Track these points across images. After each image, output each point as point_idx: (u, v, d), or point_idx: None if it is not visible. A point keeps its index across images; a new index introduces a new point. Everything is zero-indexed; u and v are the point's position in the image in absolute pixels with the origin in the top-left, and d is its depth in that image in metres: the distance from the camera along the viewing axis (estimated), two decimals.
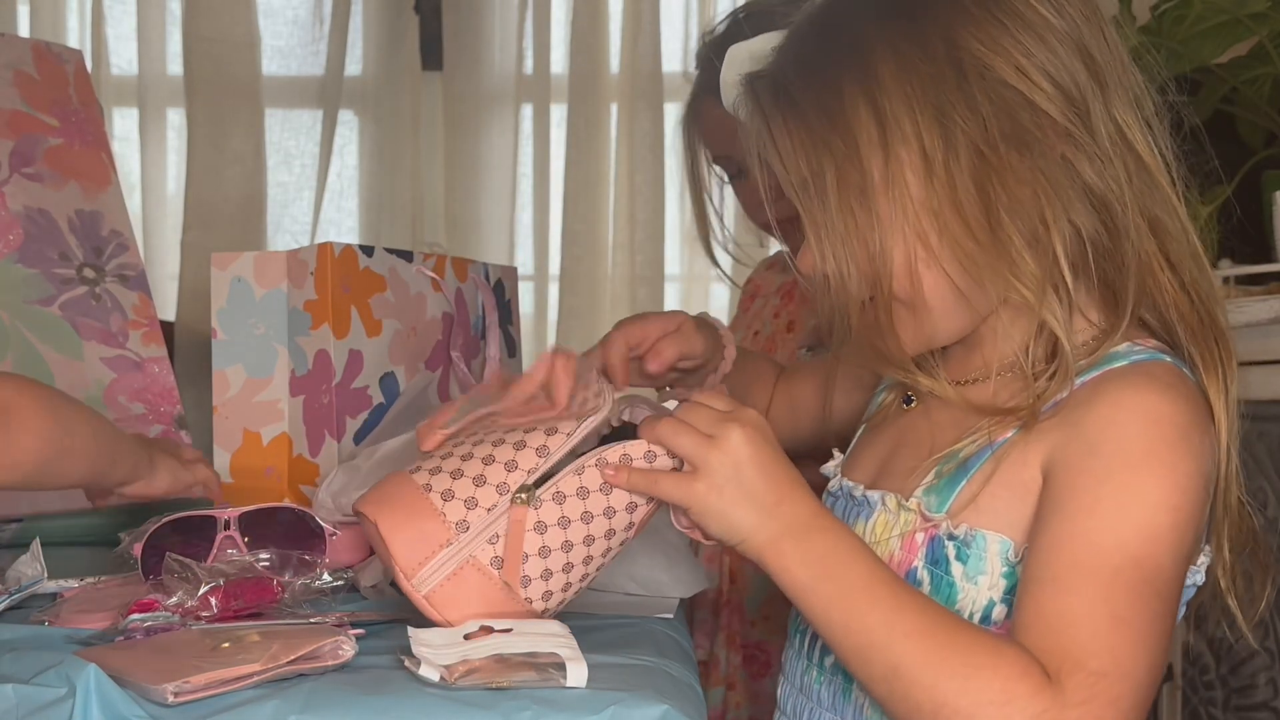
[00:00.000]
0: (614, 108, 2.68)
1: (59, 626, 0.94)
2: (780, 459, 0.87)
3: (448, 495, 0.88)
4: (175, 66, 2.70)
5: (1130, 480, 0.82)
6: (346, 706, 0.75)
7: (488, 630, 0.86)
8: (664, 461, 0.89)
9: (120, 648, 0.86)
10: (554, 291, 2.69)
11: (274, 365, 1.24)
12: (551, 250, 2.70)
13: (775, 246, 1.68)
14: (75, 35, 2.74)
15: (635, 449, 0.89)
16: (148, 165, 2.72)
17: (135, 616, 0.91)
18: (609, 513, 0.89)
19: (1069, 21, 0.87)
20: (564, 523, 0.88)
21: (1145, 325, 0.91)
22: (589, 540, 0.89)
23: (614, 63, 2.68)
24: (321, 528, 1.03)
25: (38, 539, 1.04)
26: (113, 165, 1.37)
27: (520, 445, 0.89)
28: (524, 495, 0.87)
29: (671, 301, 2.68)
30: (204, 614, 0.93)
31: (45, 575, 1.01)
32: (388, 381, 1.28)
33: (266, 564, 1.00)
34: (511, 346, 1.48)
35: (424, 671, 0.78)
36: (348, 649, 0.82)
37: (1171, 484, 0.82)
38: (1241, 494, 0.91)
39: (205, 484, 1.12)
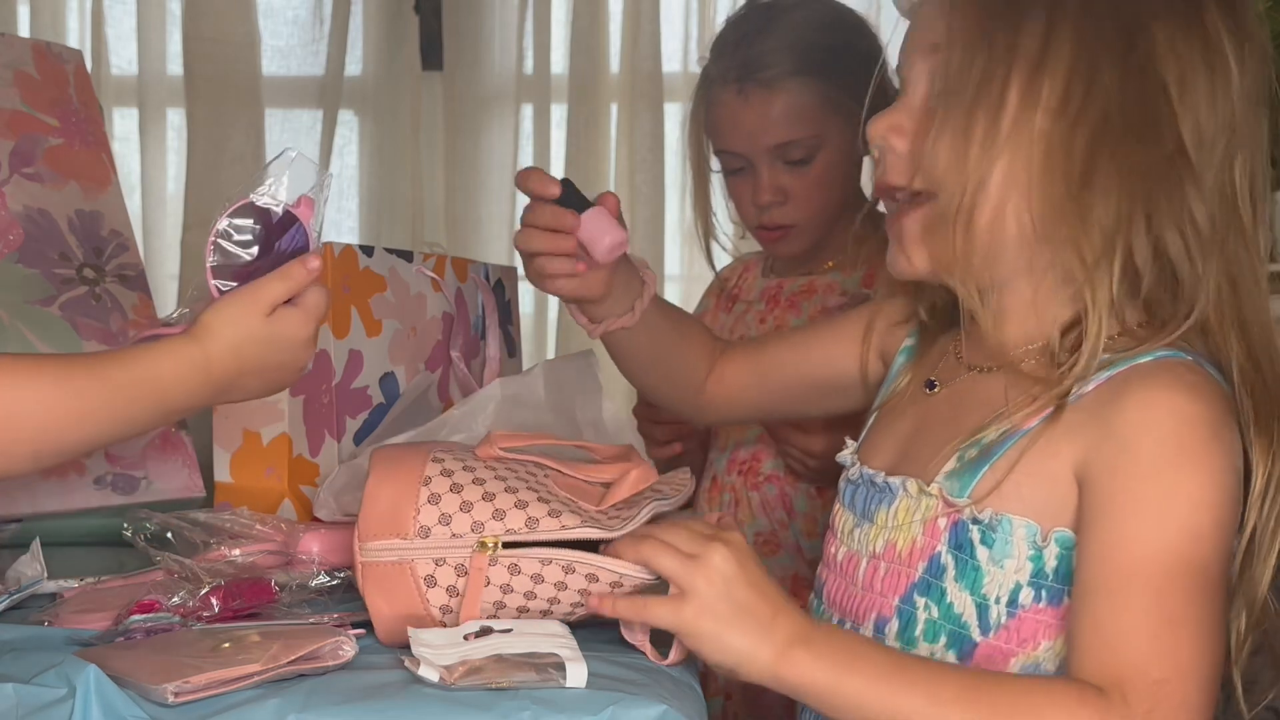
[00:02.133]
0: (614, 108, 2.68)
1: (59, 626, 0.94)
2: (767, 573, 0.86)
3: (435, 499, 0.89)
4: (175, 66, 2.70)
5: (1169, 482, 0.83)
6: (346, 706, 0.75)
7: (488, 630, 0.86)
8: (632, 581, 0.88)
9: (120, 648, 0.86)
10: None
11: None
12: None
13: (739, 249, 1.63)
14: (75, 35, 2.74)
15: (605, 574, 0.88)
16: (148, 165, 2.72)
17: (135, 617, 0.91)
18: (554, 601, 0.90)
19: (1242, 76, 0.88)
20: (506, 589, 0.89)
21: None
22: (523, 610, 0.90)
23: (614, 63, 2.68)
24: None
25: (38, 539, 1.04)
26: (113, 166, 1.37)
27: (522, 505, 0.89)
28: (488, 544, 0.88)
29: (671, 301, 2.68)
30: (204, 614, 0.93)
31: (45, 575, 1.00)
32: (388, 381, 1.28)
33: None
34: (511, 346, 1.48)
35: (424, 671, 0.79)
36: (348, 649, 0.82)
37: (1208, 481, 0.83)
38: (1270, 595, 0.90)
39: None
